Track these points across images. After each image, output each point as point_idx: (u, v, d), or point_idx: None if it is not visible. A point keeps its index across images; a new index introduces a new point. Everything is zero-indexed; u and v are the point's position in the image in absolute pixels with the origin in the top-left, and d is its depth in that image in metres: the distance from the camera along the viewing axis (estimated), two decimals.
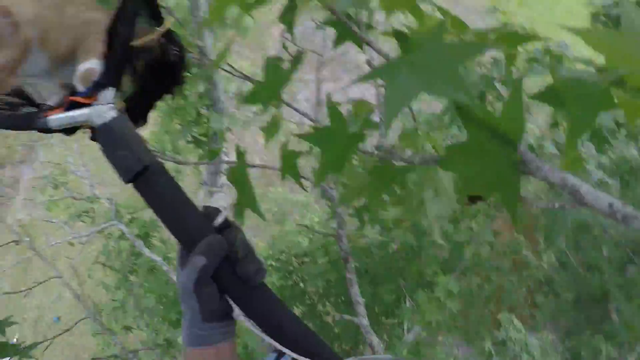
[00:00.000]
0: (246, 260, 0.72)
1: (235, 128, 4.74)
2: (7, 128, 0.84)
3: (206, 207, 0.76)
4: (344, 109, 0.72)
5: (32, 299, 7.31)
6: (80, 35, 0.81)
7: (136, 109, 0.83)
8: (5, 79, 0.75)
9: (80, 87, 0.78)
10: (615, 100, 0.46)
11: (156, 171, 0.75)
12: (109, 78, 0.77)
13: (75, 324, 4.44)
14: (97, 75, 0.77)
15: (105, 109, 0.75)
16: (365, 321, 3.23)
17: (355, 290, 3.27)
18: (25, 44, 0.75)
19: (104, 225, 4.72)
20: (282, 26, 0.78)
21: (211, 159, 3.82)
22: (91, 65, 0.79)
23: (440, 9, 0.74)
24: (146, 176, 0.74)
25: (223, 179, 4.85)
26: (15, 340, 1.66)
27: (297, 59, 0.74)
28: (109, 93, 0.76)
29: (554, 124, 2.14)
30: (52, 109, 0.79)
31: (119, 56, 0.78)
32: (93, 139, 0.76)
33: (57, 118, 0.77)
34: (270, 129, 0.86)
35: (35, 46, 0.76)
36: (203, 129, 4.47)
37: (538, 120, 3.30)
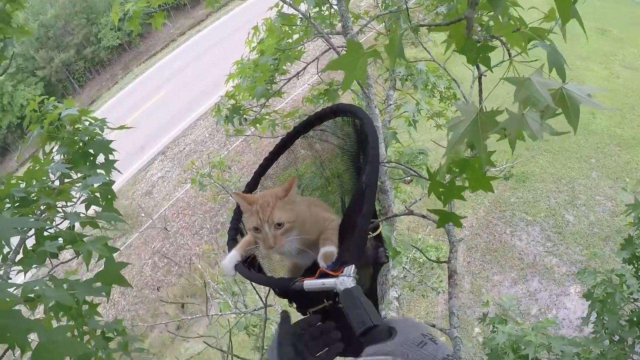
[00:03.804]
0: None
1: None
2: (273, 287, 1.35)
3: None
4: None
5: None
6: (321, 227, 1.36)
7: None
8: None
9: (323, 264, 1.20)
10: None
11: (382, 330, 0.92)
12: (352, 258, 1.14)
13: None
14: (342, 256, 1.19)
15: (348, 280, 1.06)
16: None
17: None
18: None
19: None
20: None
21: None
22: (330, 249, 1.24)
23: None
24: (374, 333, 0.92)
25: None
26: None
27: None
28: (351, 269, 1.11)
29: None
30: (304, 277, 1.17)
31: (360, 244, 1.17)
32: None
33: (311, 283, 1.14)
34: None
35: (297, 231, 1.31)
36: None
37: None
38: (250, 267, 1.39)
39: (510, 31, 1.36)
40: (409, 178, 6.86)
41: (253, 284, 1.48)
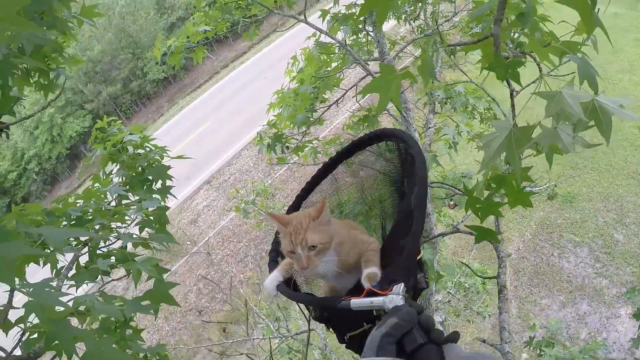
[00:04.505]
0: None
1: None
2: (317, 306, 1.38)
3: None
4: None
5: None
6: (360, 250, 1.36)
7: None
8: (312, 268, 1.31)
9: (367, 284, 1.19)
10: None
11: (432, 349, 0.92)
12: (400, 276, 1.12)
13: None
14: (391, 275, 1.18)
15: (397, 298, 1.04)
16: None
17: None
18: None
19: None
20: None
21: None
22: (373, 270, 1.24)
23: None
24: (423, 351, 0.92)
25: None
26: None
27: None
28: (400, 287, 1.07)
29: None
30: (350, 296, 1.15)
31: (409, 262, 1.17)
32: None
33: (358, 301, 1.11)
34: None
35: (333, 252, 1.33)
36: None
37: None
38: (292, 289, 1.39)
39: (541, 46, 1.39)
40: (452, 202, 6.82)
41: (296, 305, 1.48)
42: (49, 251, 1.97)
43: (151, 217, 2.48)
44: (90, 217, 2.26)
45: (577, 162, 13.50)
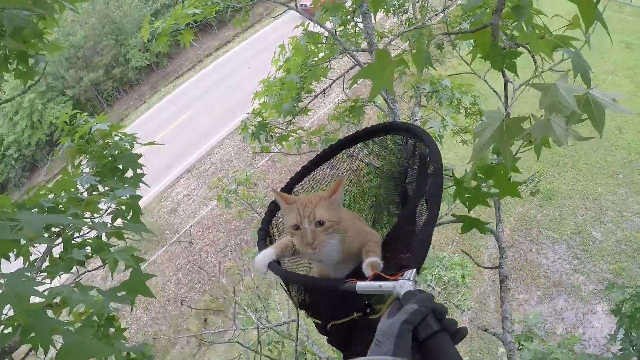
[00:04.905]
0: None
1: None
2: (319, 289, 1.30)
3: None
4: None
5: None
6: (363, 240, 1.34)
7: None
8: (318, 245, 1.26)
9: (368, 272, 1.17)
10: None
11: (444, 336, 0.89)
12: (412, 262, 1.08)
13: None
14: (401, 260, 1.15)
15: (408, 283, 0.99)
16: None
17: None
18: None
19: None
20: None
21: None
22: (376, 259, 1.23)
23: None
24: (437, 337, 0.89)
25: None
26: None
27: None
28: (411, 272, 1.03)
29: None
30: (354, 279, 1.10)
31: (422, 248, 1.12)
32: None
33: (365, 284, 1.06)
34: None
35: (339, 236, 1.30)
36: None
37: None
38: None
39: (536, 39, 1.37)
40: None
41: (276, 296, 1.43)
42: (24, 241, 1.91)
43: (124, 207, 2.41)
44: (63, 208, 2.19)
45: (557, 160, 13.64)
